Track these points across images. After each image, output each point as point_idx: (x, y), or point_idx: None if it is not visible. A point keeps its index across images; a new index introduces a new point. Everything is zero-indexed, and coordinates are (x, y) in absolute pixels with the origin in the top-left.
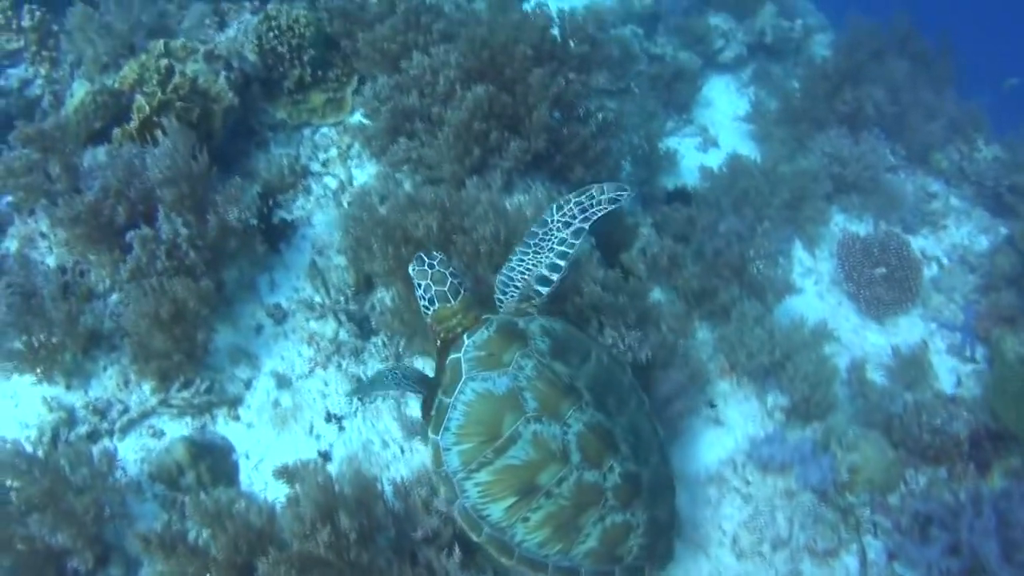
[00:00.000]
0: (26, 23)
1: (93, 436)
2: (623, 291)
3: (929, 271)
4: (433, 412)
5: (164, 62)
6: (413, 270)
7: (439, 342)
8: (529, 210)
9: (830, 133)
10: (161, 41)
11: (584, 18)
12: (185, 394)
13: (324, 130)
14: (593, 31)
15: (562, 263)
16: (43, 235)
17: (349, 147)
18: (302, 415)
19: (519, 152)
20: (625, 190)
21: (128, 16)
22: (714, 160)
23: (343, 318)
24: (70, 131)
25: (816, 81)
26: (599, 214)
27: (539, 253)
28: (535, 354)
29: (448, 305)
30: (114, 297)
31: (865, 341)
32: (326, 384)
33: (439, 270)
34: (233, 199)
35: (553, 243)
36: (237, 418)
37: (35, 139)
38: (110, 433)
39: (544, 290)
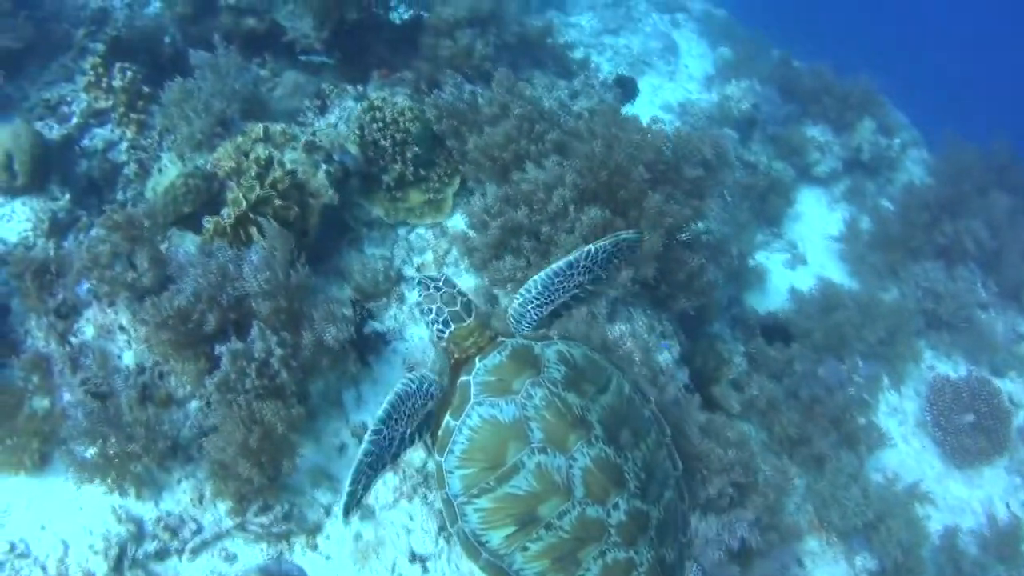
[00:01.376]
0: (116, 83)
1: (161, 555)
2: (727, 443)
3: (1017, 419)
4: (440, 432)
5: (263, 152)
6: (420, 296)
7: (452, 360)
8: (628, 342)
9: (925, 265)
10: (260, 125)
11: (700, 139)
12: (263, 519)
13: (420, 231)
14: (709, 154)
15: (573, 304)
16: (122, 328)
17: (446, 253)
18: (384, 551)
19: (628, 282)
20: (640, 233)
21: (224, 86)
22: (803, 280)
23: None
24: (157, 212)
25: (915, 210)
26: (617, 261)
27: (554, 294)
28: (547, 383)
29: (464, 324)
30: (194, 404)
31: (948, 492)
32: (411, 518)
33: (447, 291)
34: (331, 317)
35: (571, 285)
36: (315, 547)
37: (123, 227)
38: (180, 552)
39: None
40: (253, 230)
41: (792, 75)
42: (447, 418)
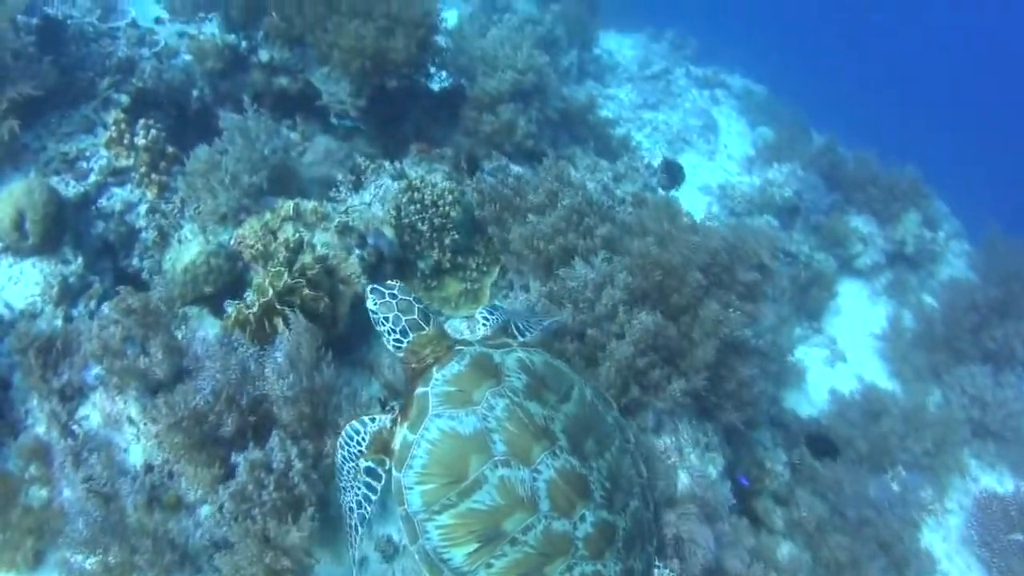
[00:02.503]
0: (139, 140)
1: None
2: (780, 569)
3: None
4: (397, 446)
5: (293, 233)
6: (375, 304)
7: (409, 371)
8: (673, 457)
9: (971, 369)
10: (291, 202)
11: (757, 240)
12: None
13: (456, 323)
14: (767, 258)
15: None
16: (131, 421)
17: None
18: None
19: (679, 394)
20: None
21: (253, 152)
22: (843, 379)
23: None
24: (175, 291)
25: (961, 310)
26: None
27: (522, 330)
28: (508, 392)
29: (423, 332)
30: (206, 509)
31: None
32: None
33: (403, 299)
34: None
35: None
36: None
37: (137, 312)
38: None
39: (522, 336)
40: (278, 321)
41: (836, 162)
42: (404, 432)
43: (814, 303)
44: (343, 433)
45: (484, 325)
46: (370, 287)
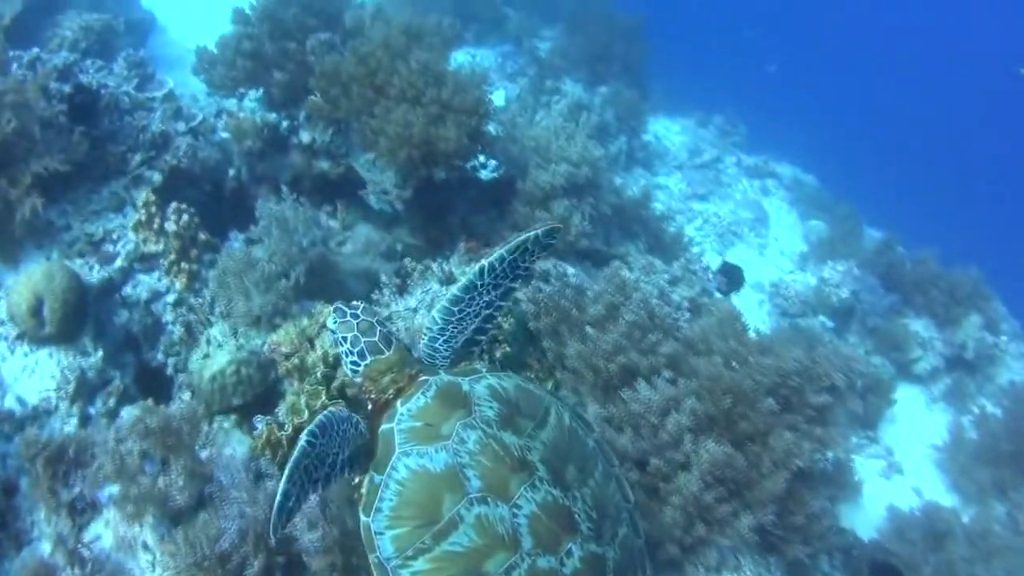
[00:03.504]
0: (170, 225)
1: None
2: None
3: None
4: (363, 490)
5: (331, 345)
6: (335, 323)
7: (370, 405)
8: None
9: None
10: (330, 308)
11: (831, 362)
12: None
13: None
14: (840, 381)
15: (489, 326)
16: (147, 547)
17: None
18: None
19: (746, 531)
20: (558, 228)
21: (291, 244)
22: (900, 493)
23: None
24: (201, 400)
25: None
26: (532, 267)
27: (464, 321)
28: (480, 424)
29: (382, 357)
30: None
31: None
32: None
33: (365, 319)
34: None
35: (479, 308)
36: None
37: (157, 434)
38: None
39: (475, 349)
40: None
41: (895, 262)
42: (370, 473)
43: (870, 411)
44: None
45: (437, 360)
46: (334, 306)
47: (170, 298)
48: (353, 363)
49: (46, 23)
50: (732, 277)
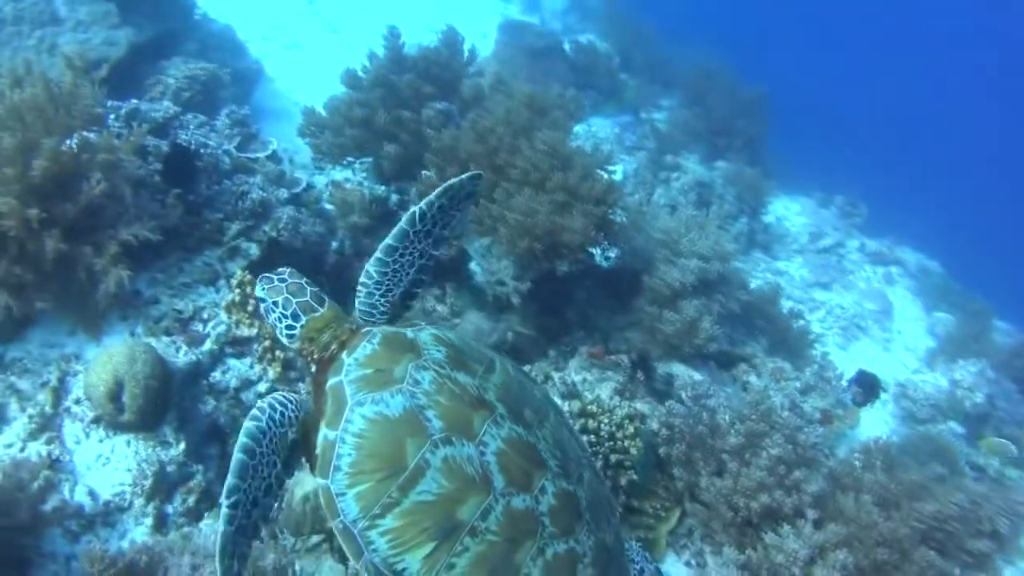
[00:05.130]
0: None
1: None
2: None
3: None
4: (318, 451)
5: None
6: (263, 290)
7: (313, 367)
8: None
9: None
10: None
11: (994, 503)
12: None
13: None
14: (1004, 527)
15: (424, 277)
16: None
17: None
18: None
19: None
20: (479, 175)
21: None
22: None
23: None
24: (291, 522)
25: None
26: (458, 215)
27: (400, 271)
28: (432, 365)
29: (316, 315)
30: None
31: None
32: None
33: (293, 281)
34: None
35: (413, 258)
36: None
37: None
38: None
39: (413, 304)
40: None
41: None
42: (323, 431)
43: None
44: (264, 405)
45: (371, 318)
46: (260, 276)
47: (261, 387)
48: (288, 327)
49: (151, 68)
50: (868, 388)
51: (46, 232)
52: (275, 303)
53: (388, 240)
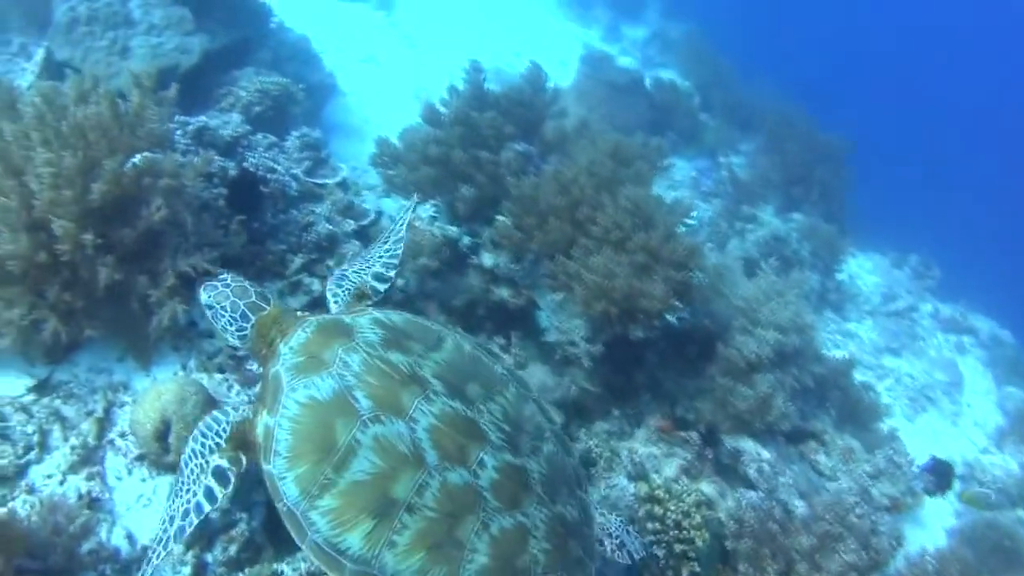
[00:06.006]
0: None
1: None
2: None
3: None
4: (260, 438)
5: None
6: (209, 297)
7: (261, 359)
8: None
9: None
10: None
11: None
12: None
13: None
14: None
15: (392, 274)
16: None
17: None
18: None
19: None
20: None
21: None
22: None
23: None
24: None
25: None
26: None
27: (366, 268)
28: (362, 347)
29: (264, 313)
30: None
31: None
32: None
33: (236, 284)
34: None
35: (382, 251)
36: None
37: None
38: None
39: (381, 287)
40: None
41: None
42: (264, 419)
43: None
44: (199, 426)
45: (335, 303)
46: (202, 285)
47: None
48: (239, 328)
49: (222, 77)
50: (942, 477)
51: (101, 258)
52: (223, 307)
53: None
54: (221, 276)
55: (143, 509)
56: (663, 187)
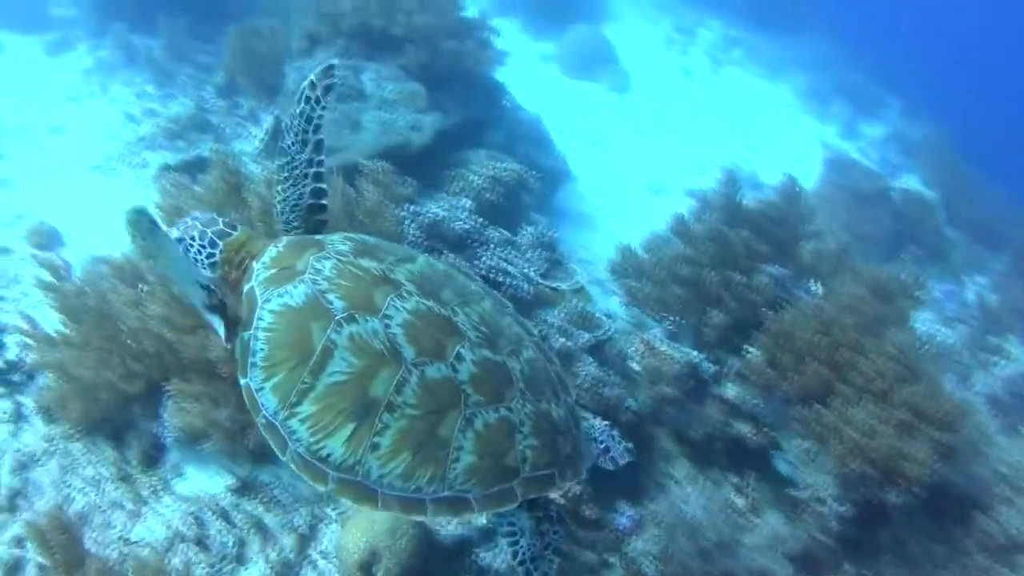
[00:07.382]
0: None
1: None
2: None
3: None
4: (238, 355)
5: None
6: (179, 231)
7: (232, 284)
8: None
9: None
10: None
11: None
12: None
13: None
14: None
15: (324, 186)
16: None
17: None
18: None
19: None
20: (332, 64)
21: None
22: None
23: None
24: None
25: None
26: (324, 115)
27: (297, 184)
28: (334, 255)
29: (231, 238)
30: None
31: None
32: None
33: (205, 216)
34: None
35: (304, 167)
36: None
37: None
38: None
39: (324, 216)
40: None
41: None
42: (240, 335)
43: None
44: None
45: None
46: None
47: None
48: (209, 255)
49: (454, 159)
50: None
51: None
52: (192, 238)
53: (277, 163)
54: (191, 214)
55: None
56: (922, 334)
